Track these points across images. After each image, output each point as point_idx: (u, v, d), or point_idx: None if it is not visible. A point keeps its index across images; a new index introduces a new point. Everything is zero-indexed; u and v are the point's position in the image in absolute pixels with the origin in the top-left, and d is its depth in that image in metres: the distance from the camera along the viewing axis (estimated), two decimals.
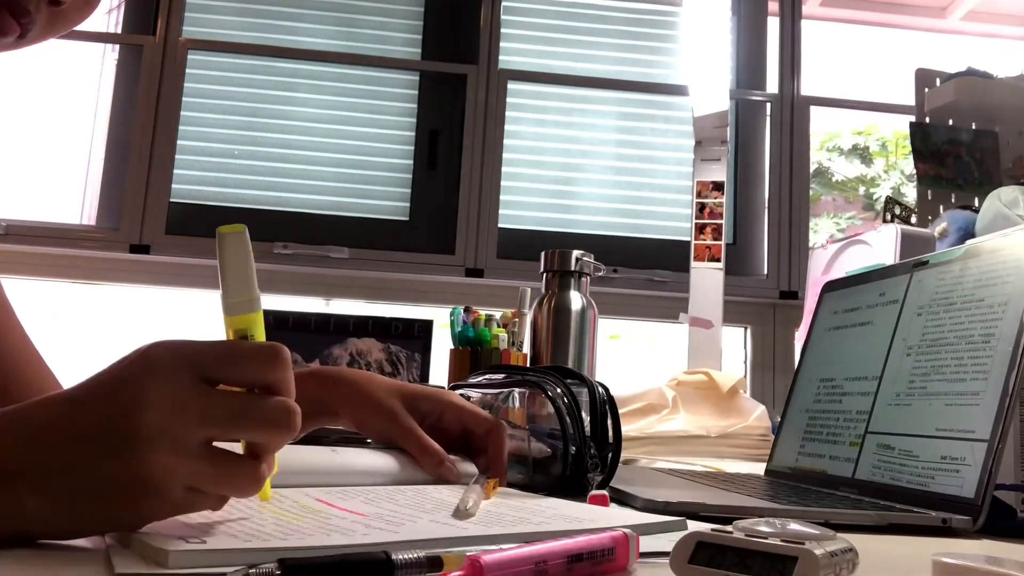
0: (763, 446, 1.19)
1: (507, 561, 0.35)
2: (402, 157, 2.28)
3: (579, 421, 0.71)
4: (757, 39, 2.47)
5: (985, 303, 0.70)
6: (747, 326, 2.35)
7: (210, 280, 2.18)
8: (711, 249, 1.80)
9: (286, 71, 2.28)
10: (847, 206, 5.48)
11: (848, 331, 0.91)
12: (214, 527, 0.42)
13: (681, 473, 0.94)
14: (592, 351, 1.20)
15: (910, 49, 2.99)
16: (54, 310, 2.50)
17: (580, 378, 0.75)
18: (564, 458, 0.70)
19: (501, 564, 0.34)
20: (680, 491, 0.74)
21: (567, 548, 0.38)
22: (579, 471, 0.69)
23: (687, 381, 1.36)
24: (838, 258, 1.46)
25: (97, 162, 2.31)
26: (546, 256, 1.21)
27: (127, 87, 2.25)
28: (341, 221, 2.23)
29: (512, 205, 2.28)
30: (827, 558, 0.36)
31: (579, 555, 0.38)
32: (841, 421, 0.85)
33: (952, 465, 0.66)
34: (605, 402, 0.73)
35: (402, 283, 2.22)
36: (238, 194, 2.22)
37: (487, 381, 0.85)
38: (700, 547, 0.38)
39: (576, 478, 0.69)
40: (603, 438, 0.71)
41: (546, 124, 2.36)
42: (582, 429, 0.71)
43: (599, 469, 0.70)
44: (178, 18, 2.22)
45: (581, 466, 0.69)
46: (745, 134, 2.42)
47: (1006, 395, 0.63)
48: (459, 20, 2.35)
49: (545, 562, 0.36)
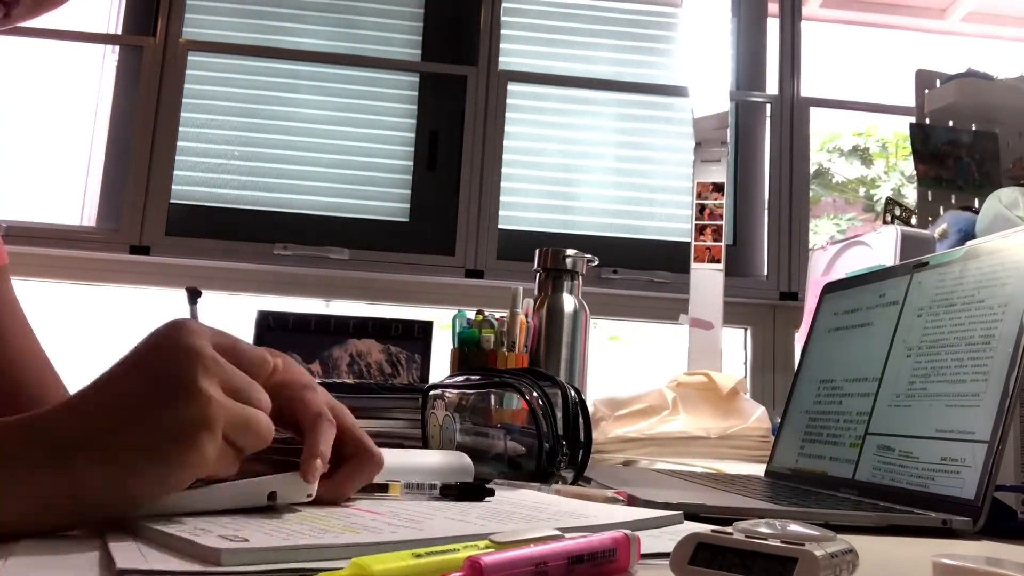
0: (763, 447, 1.19)
1: (507, 562, 0.35)
2: (402, 158, 2.28)
3: (553, 421, 0.77)
4: (757, 40, 2.47)
5: (985, 304, 0.70)
6: (747, 327, 2.35)
7: (210, 281, 2.18)
8: (711, 250, 1.80)
9: (286, 72, 2.28)
10: (847, 207, 5.49)
11: (848, 332, 0.91)
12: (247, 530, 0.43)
13: (681, 474, 0.94)
14: (584, 351, 1.22)
15: (910, 50, 2.99)
16: (54, 311, 2.50)
17: (553, 381, 0.81)
18: (539, 455, 0.76)
19: (501, 565, 0.34)
20: (680, 492, 0.74)
21: (568, 549, 0.38)
22: (552, 466, 0.76)
23: (687, 382, 1.36)
24: (838, 259, 1.46)
25: (97, 163, 2.31)
26: (539, 254, 1.23)
27: (127, 88, 2.25)
28: (341, 222, 2.23)
29: (512, 206, 2.28)
30: (827, 559, 0.36)
31: (580, 556, 0.38)
32: (841, 422, 0.85)
33: (952, 466, 0.66)
34: (577, 404, 0.79)
35: (402, 284, 2.22)
36: (238, 195, 2.22)
37: (465, 382, 0.89)
38: (700, 548, 0.38)
39: (549, 473, 0.76)
40: (575, 436, 0.77)
41: (546, 125, 2.36)
42: (555, 428, 0.77)
43: (571, 465, 0.76)
44: (178, 19, 2.22)
45: (554, 462, 0.76)
46: (745, 135, 2.42)
47: (1006, 396, 0.63)
48: (459, 21, 2.35)
49: (546, 563, 0.36)
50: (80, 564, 0.38)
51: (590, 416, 0.80)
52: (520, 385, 0.79)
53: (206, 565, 0.37)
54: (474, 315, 1.18)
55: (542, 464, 0.76)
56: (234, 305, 2.26)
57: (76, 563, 0.38)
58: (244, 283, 2.18)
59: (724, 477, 0.95)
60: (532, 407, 0.76)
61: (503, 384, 0.84)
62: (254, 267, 2.15)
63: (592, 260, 1.26)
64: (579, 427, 0.78)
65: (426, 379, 1.64)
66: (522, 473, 0.77)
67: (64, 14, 2.37)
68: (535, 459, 0.76)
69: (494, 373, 0.94)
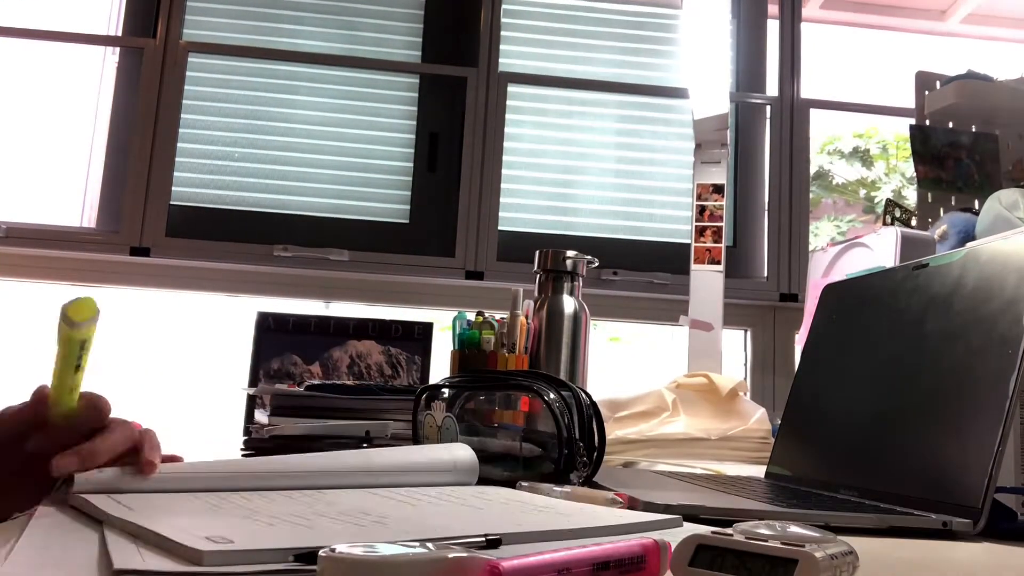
0: (763, 449, 1.19)
1: (529, 567, 0.33)
2: (402, 160, 2.28)
3: (571, 424, 0.78)
4: (757, 42, 2.47)
5: (985, 305, 0.70)
6: (747, 328, 2.35)
7: (211, 283, 2.18)
8: (711, 252, 1.80)
9: (286, 74, 2.28)
10: (847, 209, 5.49)
11: (848, 334, 0.91)
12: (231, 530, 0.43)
13: (681, 476, 0.94)
14: (584, 353, 1.22)
15: (910, 52, 2.99)
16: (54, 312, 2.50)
17: (566, 384, 0.83)
18: (558, 457, 0.77)
19: (522, 570, 0.33)
20: (680, 494, 0.74)
21: (593, 555, 0.36)
22: (569, 469, 0.77)
23: (687, 384, 1.36)
24: (838, 261, 1.46)
25: (97, 164, 2.31)
26: (539, 256, 1.23)
27: (128, 90, 2.25)
28: (341, 223, 2.23)
29: (512, 208, 2.28)
30: (827, 561, 0.36)
31: (605, 562, 0.36)
32: (841, 424, 0.85)
33: (952, 468, 0.66)
34: (590, 407, 0.80)
35: (402, 285, 2.22)
36: (238, 196, 2.22)
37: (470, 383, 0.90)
38: (700, 550, 0.38)
39: (565, 475, 0.77)
40: (590, 440, 0.79)
41: (546, 127, 2.36)
42: (574, 431, 0.78)
43: (586, 467, 0.78)
44: (178, 21, 2.22)
45: (571, 465, 0.77)
46: (745, 137, 2.42)
47: (1006, 398, 0.63)
48: (459, 23, 2.35)
49: (569, 569, 0.35)
50: (79, 564, 0.38)
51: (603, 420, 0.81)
52: (538, 388, 0.80)
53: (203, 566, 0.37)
54: (474, 316, 1.18)
55: (560, 466, 0.77)
56: (234, 306, 2.26)
57: (75, 563, 0.38)
58: (244, 284, 2.18)
59: (724, 479, 0.95)
60: (552, 410, 0.78)
61: (517, 386, 0.85)
62: (254, 268, 2.15)
63: (592, 261, 1.27)
64: (594, 430, 0.80)
65: (426, 380, 1.64)
66: (535, 474, 0.78)
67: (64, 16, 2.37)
68: (553, 461, 0.78)
69: (503, 375, 0.94)
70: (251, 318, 1.62)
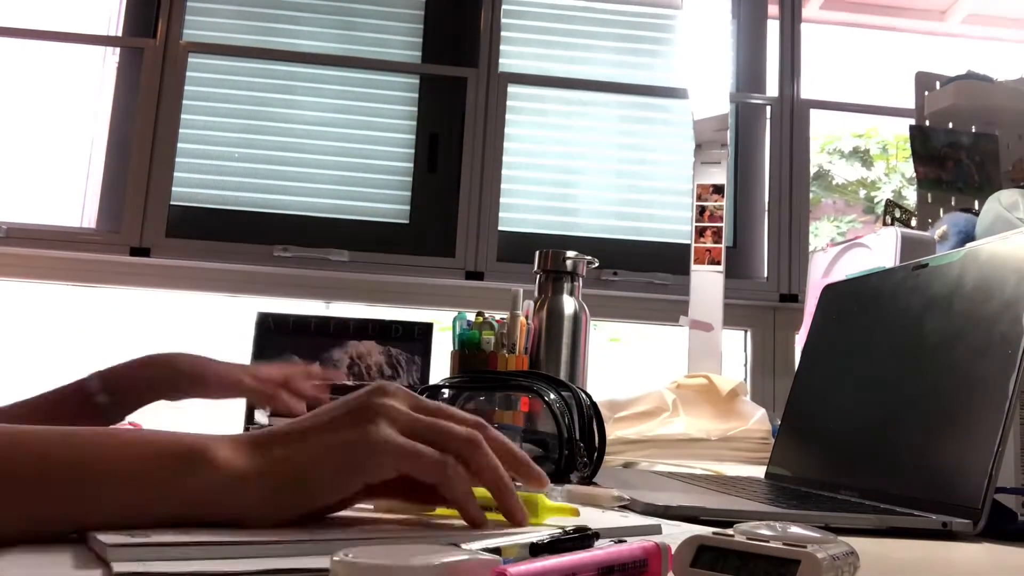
0: (763, 449, 1.19)
1: (536, 572, 0.34)
2: (402, 160, 2.28)
3: (572, 424, 0.79)
4: (757, 42, 2.47)
5: (985, 306, 0.70)
6: (747, 329, 2.35)
7: (211, 283, 2.18)
8: (711, 252, 1.80)
9: (286, 74, 2.28)
10: (847, 209, 5.49)
11: (848, 334, 0.91)
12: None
13: (682, 476, 0.94)
14: (584, 353, 1.22)
15: (910, 52, 2.99)
16: (55, 313, 2.50)
17: (566, 385, 0.84)
18: (559, 457, 0.78)
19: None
20: (681, 494, 0.74)
21: (597, 560, 0.37)
22: (569, 469, 0.78)
23: (687, 384, 1.36)
24: (838, 261, 1.46)
25: (98, 165, 2.31)
26: (539, 256, 1.24)
27: (128, 90, 2.25)
28: (341, 224, 2.23)
29: (512, 208, 2.28)
30: (829, 561, 0.36)
31: (610, 567, 0.37)
32: (841, 424, 0.85)
33: (952, 468, 0.66)
34: (591, 407, 0.81)
35: (402, 286, 2.22)
36: (238, 197, 2.22)
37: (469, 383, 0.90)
38: (702, 551, 0.39)
39: (565, 475, 0.78)
40: (590, 440, 0.80)
41: (546, 127, 2.36)
42: (574, 431, 0.79)
43: (586, 468, 0.79)
44: (179, 21, 2.22)
45: (571, 465, 0.78)
46: (745, 137, 2.42)
47: (1006, 398, 0.63)
48: (459, 23, 2.35)
49: (575, 574, 0.35)
50: (79, 564, 0.38)
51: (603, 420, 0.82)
52: (538, 388, 0.80)
53: (204, 566, 0.37)
54: (474, 317, 1.18)
55: (560, 466, 0.78)
56: (234, 307, 2.26)
57: (75, 563, 0.38)
58: (244, 285, 2.18)
59: (724, 479, 0.95)
60: (552, 410, 0.78)
61: (517, 387, 0.85)
62: (254, 269, 2.15)
63: (592, 262, 1.27)
64: (594, 431, 0.80)
65: (426, 381, 1.64)
66: None
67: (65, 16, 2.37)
68: (553, 461, 0.79)
69: (503, 376, 0.94)
70: (251, 318, 1.62)
